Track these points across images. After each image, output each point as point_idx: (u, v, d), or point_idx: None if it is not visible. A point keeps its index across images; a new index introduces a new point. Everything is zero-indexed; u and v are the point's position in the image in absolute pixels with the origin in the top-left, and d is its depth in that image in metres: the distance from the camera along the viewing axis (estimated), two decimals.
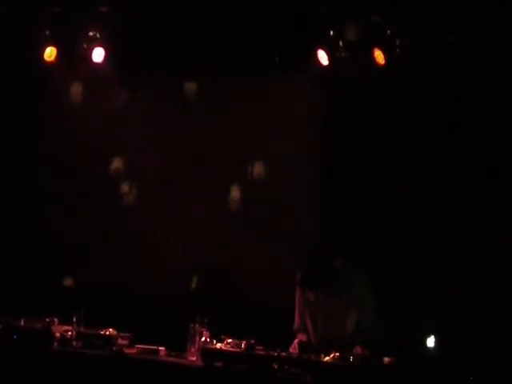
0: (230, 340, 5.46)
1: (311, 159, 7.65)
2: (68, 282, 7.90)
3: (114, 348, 5.63)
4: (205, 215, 7.85)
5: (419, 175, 7.03)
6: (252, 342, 5.36)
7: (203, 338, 5.52)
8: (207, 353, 5.41)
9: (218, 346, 5.45)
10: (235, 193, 7.78)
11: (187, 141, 8.04)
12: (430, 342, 6.09)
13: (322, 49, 7.24)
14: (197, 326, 5.57)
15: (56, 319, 5.84)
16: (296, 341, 5.79)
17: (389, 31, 6.91)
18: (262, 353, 5.31)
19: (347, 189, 7.29)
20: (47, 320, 5.81)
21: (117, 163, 8.12)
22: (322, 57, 7.26)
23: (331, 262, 5.74)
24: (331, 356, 5.22)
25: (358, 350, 5.41)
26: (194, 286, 7.76)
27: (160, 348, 5.70)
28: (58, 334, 5.76)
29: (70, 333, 5.77)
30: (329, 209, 7.41)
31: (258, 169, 7.78)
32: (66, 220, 8.16)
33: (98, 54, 7.63)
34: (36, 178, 8.32)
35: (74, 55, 7.68)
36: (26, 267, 7.98)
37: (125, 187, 8.11)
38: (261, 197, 7.73)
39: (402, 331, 6.49)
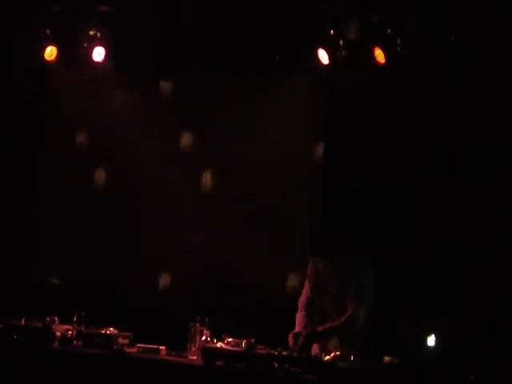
0: (230, 339, 5.45)
1: (312, 158, 7.65)
2: (68, 281, 7.91)
3: (115, 347, 5.62)
4: (205, 214, 7.84)
5: (420, 174, 7.02)
6: (252, 341, 5.34)
7: (204, 337, 5.52)
8: (208, 352, 5.39)
9: (219, 345, 5.44)
10: (235, 192, 7.78)
11: (187, 140, 8.04)
12: (431, 341, 6.09)
13: (323, 48, 7.24)
14: (197, 324, 5.57)
15: (56, 318, 5.84)
16: (290, 334, 5.72)
17: (389, 30, 6.91)
18: (262, 352, 5.30)
19: (348, 187, 7.28)
20: (48, 319, 5.79)
21: (117, 163, 8.12)
22: (323, 56, 7.26)
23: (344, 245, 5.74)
24: (332, 355, 5.21)
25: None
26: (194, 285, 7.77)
27: (160, 347, 5.68)
28: (58, 333, 5.74)
29: (70, 332, 5.76)
30: (330, 207, 7.41)
31: None
32: (65, 219, 8.16)
33: (99, 54, 7.64)
34: (36, 178, 8.31)
35: (75, 54, 7.69)
36: (25, 266, 7.98)
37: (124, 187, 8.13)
38: (262, 196, 7.73)
39: (402, 330, 6.49)
